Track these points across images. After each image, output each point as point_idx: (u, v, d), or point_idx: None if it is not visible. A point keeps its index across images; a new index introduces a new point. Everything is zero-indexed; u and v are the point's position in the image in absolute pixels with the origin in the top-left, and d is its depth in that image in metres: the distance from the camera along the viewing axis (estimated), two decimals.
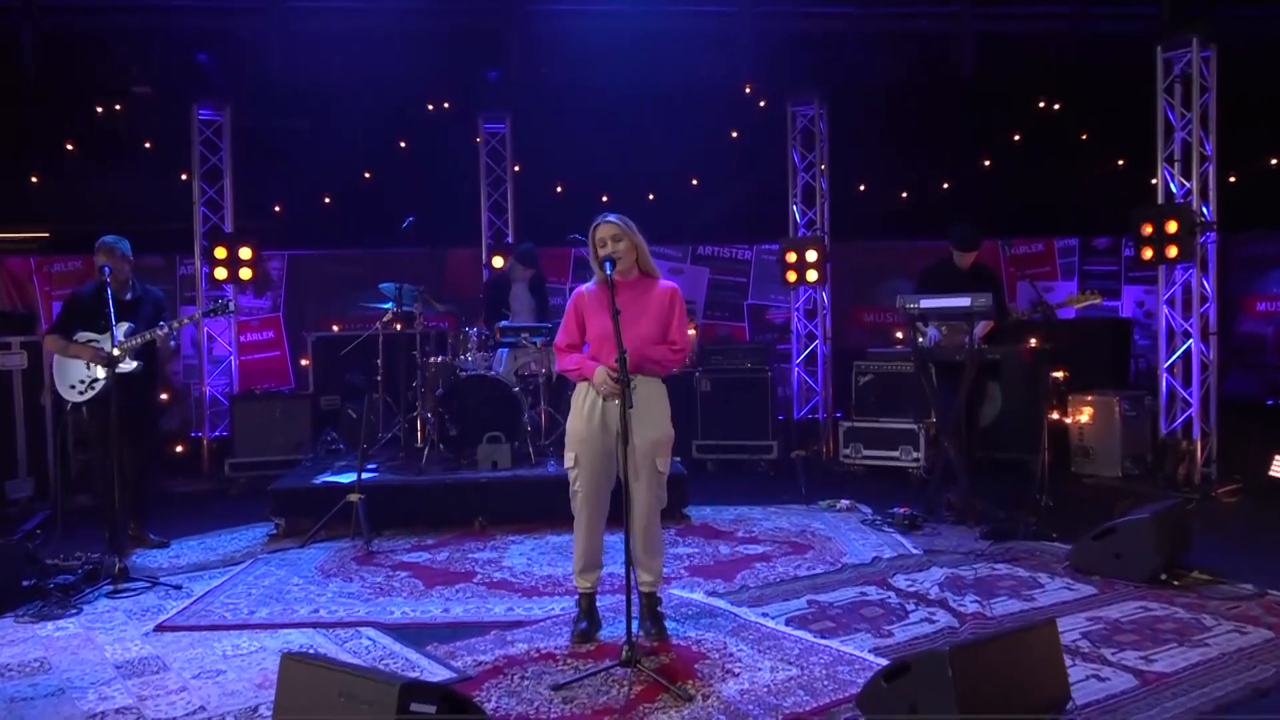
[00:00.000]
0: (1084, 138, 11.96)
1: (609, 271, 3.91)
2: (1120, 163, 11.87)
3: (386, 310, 7.30)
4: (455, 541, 5.99)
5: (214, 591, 5.01)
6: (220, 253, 8.21)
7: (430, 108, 10.91)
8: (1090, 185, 11.94)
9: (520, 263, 7.67)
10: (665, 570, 5.17)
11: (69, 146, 10.97)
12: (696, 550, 5.66)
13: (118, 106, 10.84)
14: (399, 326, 7.68)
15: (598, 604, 4.29)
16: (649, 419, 4.01)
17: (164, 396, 10.10)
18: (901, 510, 6.16)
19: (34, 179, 11.15)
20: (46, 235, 11.69)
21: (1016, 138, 11.86)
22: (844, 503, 6.74)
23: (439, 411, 6.77)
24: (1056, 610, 4.38)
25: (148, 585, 5.09)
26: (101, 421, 5.44)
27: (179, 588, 5.08)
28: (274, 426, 7.97)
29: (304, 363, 9.24)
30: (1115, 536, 4.86)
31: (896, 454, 7.70)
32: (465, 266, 10.84)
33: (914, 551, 5.51)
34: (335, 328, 9.35)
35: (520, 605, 4.68)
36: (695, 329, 9.30)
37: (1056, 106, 11.57)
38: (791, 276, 8.69)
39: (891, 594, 4.69)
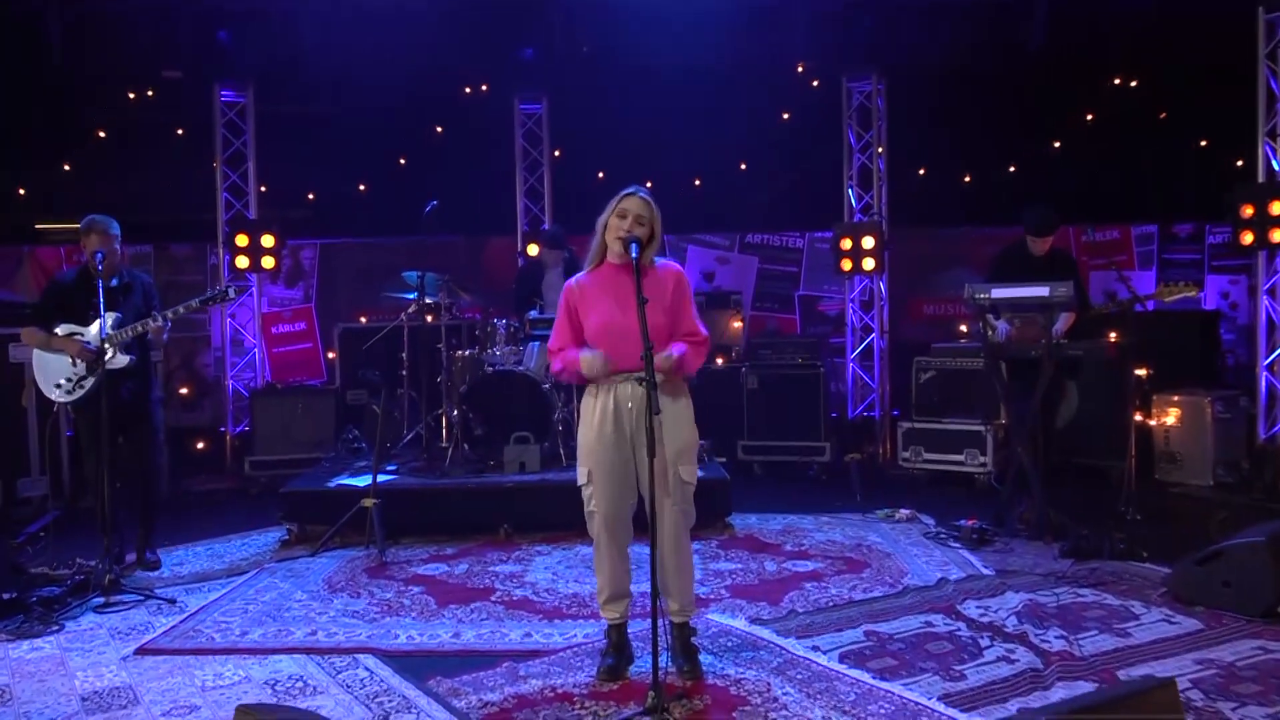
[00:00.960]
0: (1163, 116, 11.14)
1: (635, 254, 3.37)
2: (1203, 143, 11.04)
3: (411, 301, 6.85)
4: (477, 552, 5.52)
5: (209, 607, 4.58)
6: (242, 240, 7.84)
7: (468, 90, 10.46)
8: (1170, 167, 11.12)
9: (549, 246, 7.15)
10: (703, 590, 4.65)
11: (100, 134, 10.73)
12: (739, 566, 5.10)
13: (149, 92, 10.55)
14: (430, 319, 7.25)
15: (631, 632, 3.77)
16: (670, 424, 3.49)
17: (183, 390, 9.81)
18: (969, 523, 5.54)
19: (66, 167, 10.95)
20: (78, 225, 11.49)
21: (1089, 117, 11.09)
22: (904, 512, 6.14)
23: (463, 410, 6.29)
24: (1157, 650, 3.76)
25: (140, 599, 4.68)
26: (92, 423, 5.03)
27: (173, 602, 4.66)
28: (296, 423, 7.58)
29: (330, 356, 8.85)
30: (1224, 562, 4.21)
31: (961, 458, 7.06)
32: (502, 256, 10.38)
33: (985, 572, 4.89)
34: (363, 319, 8.94)
35: (539, 630, 4.17)
36: (743, 321, 8.74)
37: (1133, 83, 10.78)
38: (846, 265, 8.08)
39: (961, 625, 4.10)
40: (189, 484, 7.87)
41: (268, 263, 7.90)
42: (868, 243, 7.96)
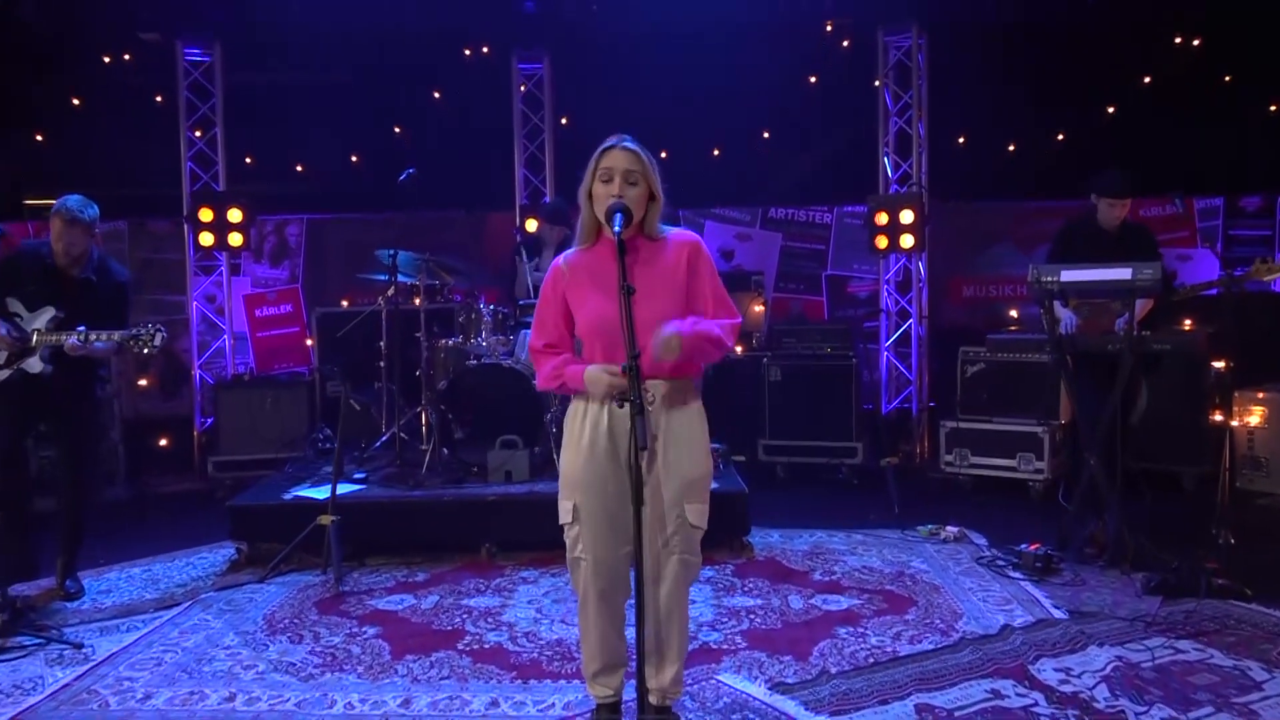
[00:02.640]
0: (1228, 80, 10.14)
1: (617, 227, 2.53)
2: (1272, 108, 10.04)
3: (390, 283, 6.05)
4: (452, 578, 4.72)
5: (118, 656, 3.81)
6: (206, 215, 7.05)
7: (467, 52, 9.62)
8: (1236, 135, 10.12)
9: (548, 221, 6.30)
10: (715, 636, 3.85)
11: (75, 102, 9.98)
12: (759, 603, 4.27)
13: (125, 56, 9.79)
14: (417, 301, 6.45)
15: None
16: (678, 447, 2.67)
17: (142, 382, 9.05)
18: (1031, 548, 4.68)
19: (38, 138, 10.20)
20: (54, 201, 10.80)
21: (1146, 80, 10.09)
22: (950, 530, 5.29)
23: (441, 409, 5.48)
24: None
25: (41, 642, 3.92)
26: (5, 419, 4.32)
27: (79, 647, 3.89)
28: (264, 418, 6.80)
29: (308, 342, 8.07)
30: None
31: (1013, 463, 6.19)
32: (505, 232, 9.57)
33: (1056, 614, 4.04)
34: (345, 302, 8.15)
35: (509, 696, 3.36)
36: (765, 304, 7.87)
37: (1196, 43, 9.78)
38: (882, 242, 7.18)
39: (1038, 697, 3.25)
40: (152, 484, 7.14)
41: (235, 240, 7.11)
42: (906, 217, 7.06)
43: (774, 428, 6.87)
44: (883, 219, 7.15)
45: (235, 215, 7.04)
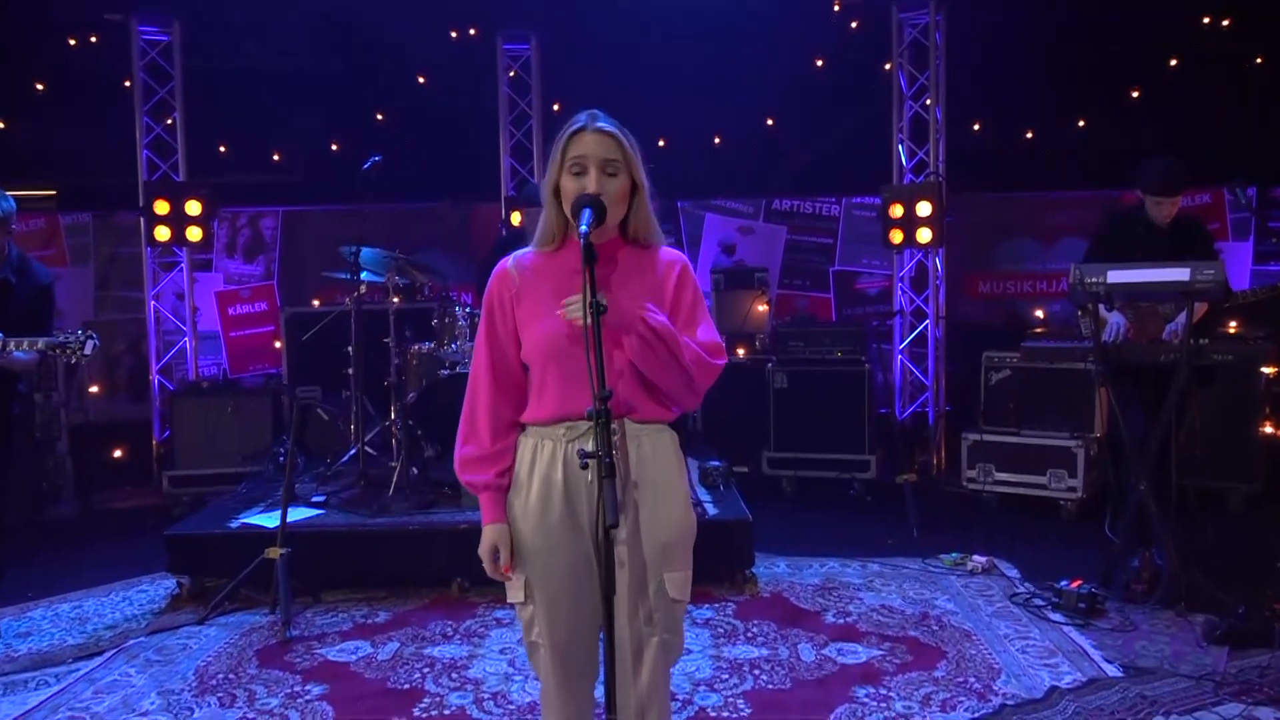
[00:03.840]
0: (1259, 62, 9.57)
1: (584, 227, 1.96)
2: None
3: (354, 282, 5.49)
4: (417, 618, 4.17)
5: None
6: (162, 207, 6.47)
7: (454, 34, 9.05)
8: (1270, 120, 9.54)
9: (530, 205, 5.63)
10: (713, 700, 3.29)
11: (38, 87, 9.42)
12: (765, 654, 3.72)
13: (92, 38, 9.23)
14: (397, 300, 5.90)
15: None
16: (653, 503, 2.11)
17: (93, 389, 8.48)
18: (1073, 585, 4.12)
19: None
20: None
21: (1173, 63, 9.52)
22: (978, 560, 4.73)
23: (409, 424, 4.93)
24: None
25: None
26: None
27: None
28: (224, 429, 6.24)
29: (277, 345, 7.51)
30: None
31: (1043, 480, 5.62)
32: (494, 224, 9.02)
33: (1108, 671, 3.49)
34: (316, 302, 7.59)
35: None
36: (769, 304, 7.30)
37: (1225, 23, 9.22)
38: (896, 236, 6.61)
39: None
40: (103, 500, 6.60)
41: (194, 234, 6.54)
42: (923, 209, 6.49)
43: (779, 438, 6.31)
44: (897, 211, 6.58)
45: (194, 208, 6.47)
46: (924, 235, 6.49)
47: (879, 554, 4.98)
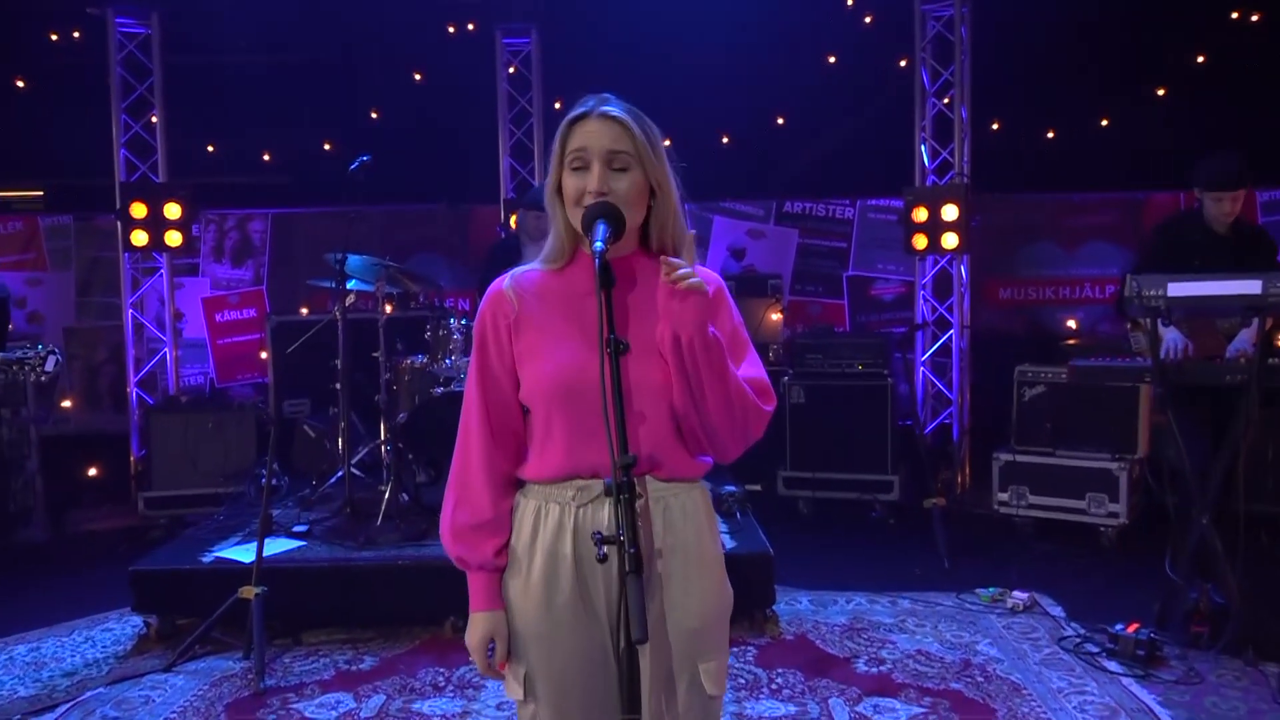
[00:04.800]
0: None
1: (600, 243, 1.57)
2: None
3: (338, 291, 5.10)
4: (406, 664, 3.79)
5: None
6: (139, 210, 6.08)
7: (451, 29, 8.69)
8: None
9: (530, 209, 5.22)
10: None
11: (19, 84, 9.07)
12: (793, 712, 3.33)
13: (75, 33, 8.87)
14: (389, 308, 5.53)
15: None
16: (684, 573, 1.72)
17: (65, 404, 8.11)
18: (1128, 630, 3.74)
19: None
20: None
21: (1200, 59, 9.16)
22: (1018, 597, 4.34)
23: (398, 446, 4.54)
24: None
25: None
26: None
27: None
28: (205, 447, 5.86)
29: (263, 355, 7.11)
30: None
31: (1083, 504, 5.23)
32: (491, 227, 8.65)
33: None
34: (304, 310, 7.21)
35: None
36: (783, 313, 6.92)
37: (1255, 18, 8.86)
38: (920, 242, 6.22)
39: None
40: (80, 520, 6.22)
41: (173, 239, 6.14)
42: (948, 213, 6.10)
43: (796, 457, 5.93)
44: (921, 215, 6.19)
45: (173, 211, 6.08)
46: (949, 240, 6.10)
47: (908, 587, 4.59)
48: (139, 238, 6.09)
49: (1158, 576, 3.94)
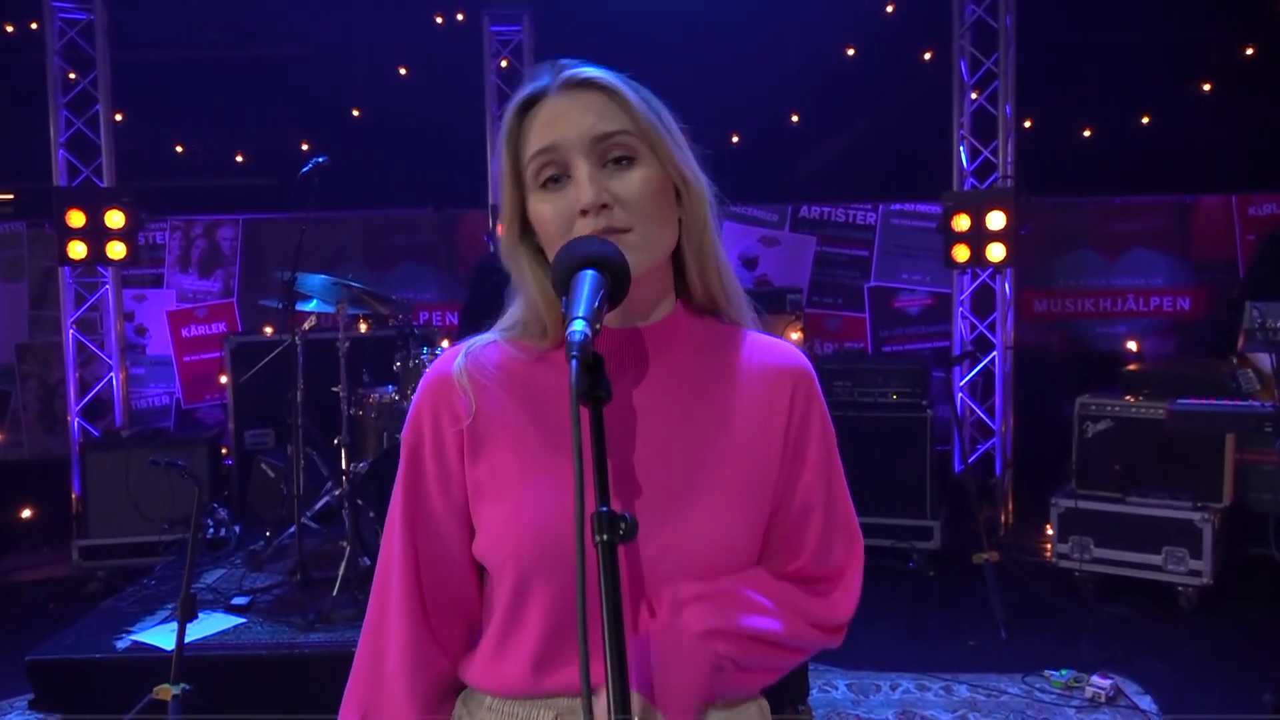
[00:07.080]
0: None
1: (577, 324, 0.85)
2: None
3: (309, 314, 4.42)
4: None
5: None
6: (77, 219, 5.36)
7: (439, 19, 8.04)
8: None
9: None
10: None
11: None
12: None
13: (33, 25, 8.24)
14: (365, 327, 4.87)
15: None
16: None
17: None
18: None
19: None
20: None
21: (1249, 52, 8.53)
22: (1099, 684, 3.62)
23: (357, 503, 3.83)
24: None
25: None
26: None
27: None
28: (148, 488, 5.12)
29: (222, 380, 6.41)
30: None
31: (1158, 560, 4.51)
32: (481, 234, 7.98)
33: None
34: (268, 329, 6.52)
35: None
36: (803, 331, 6.20)
37: None
38: (961, 253, 5.49)
39: None
40: (12, 567, 5.53)
41: (116, 251, 5.43)
42: (994, 221, 5.38)
43: None
44: (962, 223, 5.46)
45: (116, 219, 5.37)
46: (995, 252, 5.38)
47: (963, 665, 3.88)
48: (76, 249, 5.38)
49: (1257, 651, 3.26)
